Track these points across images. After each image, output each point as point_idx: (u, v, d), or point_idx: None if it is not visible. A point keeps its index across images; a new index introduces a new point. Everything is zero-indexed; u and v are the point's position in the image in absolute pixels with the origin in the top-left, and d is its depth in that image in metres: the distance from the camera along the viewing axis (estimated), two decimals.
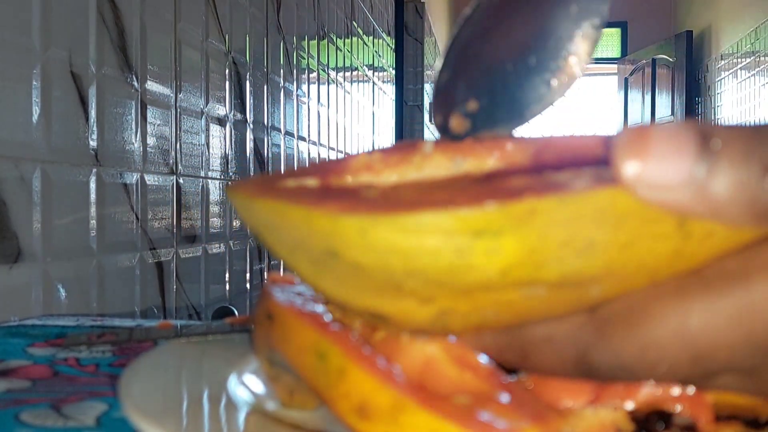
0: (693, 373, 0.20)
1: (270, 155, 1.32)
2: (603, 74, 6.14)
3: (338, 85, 1.84)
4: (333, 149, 1.79)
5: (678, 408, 0.23)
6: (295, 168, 0.23)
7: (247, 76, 1.20)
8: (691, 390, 0.23)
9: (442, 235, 0.17)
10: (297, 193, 0.20)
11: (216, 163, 1.08)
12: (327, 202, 0.18)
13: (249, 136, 1.22)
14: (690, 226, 0.18)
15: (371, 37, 2.33)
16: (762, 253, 0.18)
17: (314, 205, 0.18)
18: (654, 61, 4.75)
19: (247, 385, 0.32)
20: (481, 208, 0.17)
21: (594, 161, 0.18)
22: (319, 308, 0.26)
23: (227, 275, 1.13)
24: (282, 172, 0.29)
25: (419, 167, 0.25)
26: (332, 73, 1.77)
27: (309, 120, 1.57)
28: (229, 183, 1.13)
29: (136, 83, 0.83)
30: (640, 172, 0.17)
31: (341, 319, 0.26)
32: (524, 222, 0.17)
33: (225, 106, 1.11)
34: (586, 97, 6.78)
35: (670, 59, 4.54)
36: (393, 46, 2.81)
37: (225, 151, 1.11)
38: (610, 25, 5.61)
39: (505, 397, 0.22)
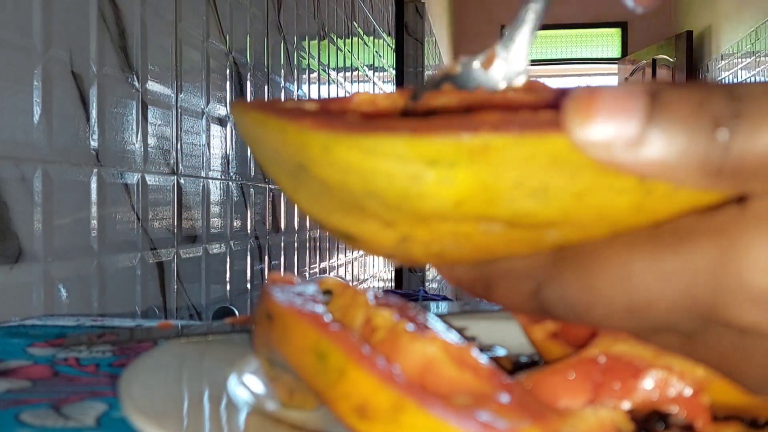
0: (630, 324, 0.19)
1: None
2: (603, 74, 6.13)
3: (338, 85, 1.84)
4: None
5: (675, 409, 0.23)
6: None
7: (248, 76, 1.20)
8: (688, 392, 0.23)
9: (397, 160, 0.17)
10: (283, 110, 0.21)
11: (217, 163, 1.08)
12: (302, 119, 0.19)
13: None
14: (651, 182, 0.17)
15: (371, 37, 2.33)
16: (715, 217, 0.18)
17: (290, 120, 0.19)
18: (654, 61, 4.75)
19: (247, 386, 0.32)
20: (436, 138, 0.17)
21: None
22: (319, 308, 0.26)
23: (228, 275, 1.13)
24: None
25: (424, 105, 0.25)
26: (333, 73, 1.77)
27: None
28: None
29: (136, 83, 0.83)
30: (588, 132, 0.17)
31: (341, 320, 0.26)
32: (478, 157, 0.17)
33: (226, 106, 1.11)
34: None
35: (670, 59, 4.54)
36: (393, 46, 2.81)
37: (226, 151, 1.11)
38: (610, 25, 5.61)
39: (505, 398, 0.22)
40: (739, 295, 0.17)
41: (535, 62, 5.97)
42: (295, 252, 1.50)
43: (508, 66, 0.26)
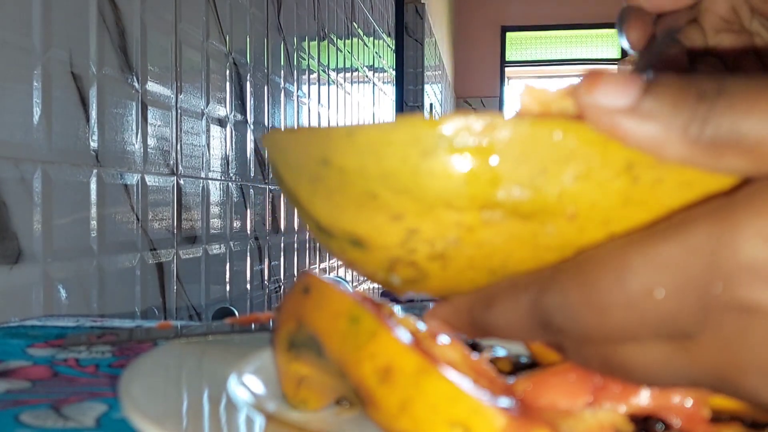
0: (630, 323, 0.19)
1: None
2: None
3: (338, 85, 1.84)
4: None
5: (676, 422, 0.23)
6: None
7: (248, 77, 1.20)
8: (688, 402, 0.23)
9: (411, 137, 0.20)
10: None
11: (216, 163, 1.08)
12: (329, 126, 0.22)
13: (249, 136, 1.22)
14: (637, 170, 0.19)
15: (371, 38, 2.33)
16: (705, 204, 0.19)
17: (317, 127, 0.22)
18: None
19: (247, 386, 0.32)
20: (446, 120, 0.19)
21: None
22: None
23: (227, 276, 1.13)
24: None
25: None
26: (332, 74, 1.77)
27: (309, 121, 1.57)
28: (231, 182, 1.13)
29: (136, 84, 0.83)
30: (593, 97, 0.19)
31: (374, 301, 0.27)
32: (482, 136, 0.19)
33: (225, 106, 1.11)
34: None
35: None
36: (393, 47, 2.81)
37: (225, 152, 1.11)
38: (610, 25, 5.61)
39: (517, 403, 0.22)
40: (737, 270, 0.18)
41: (535, 63, 5.97)
42: (295, 253, 1.50)
43: None
